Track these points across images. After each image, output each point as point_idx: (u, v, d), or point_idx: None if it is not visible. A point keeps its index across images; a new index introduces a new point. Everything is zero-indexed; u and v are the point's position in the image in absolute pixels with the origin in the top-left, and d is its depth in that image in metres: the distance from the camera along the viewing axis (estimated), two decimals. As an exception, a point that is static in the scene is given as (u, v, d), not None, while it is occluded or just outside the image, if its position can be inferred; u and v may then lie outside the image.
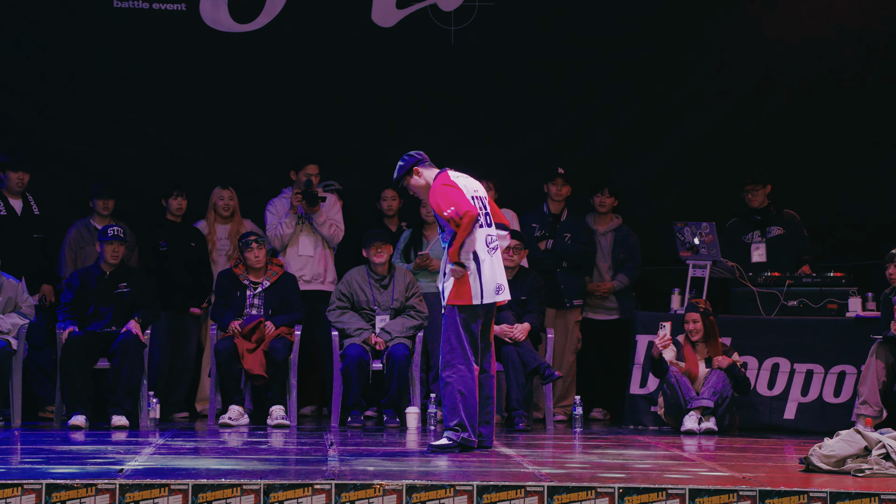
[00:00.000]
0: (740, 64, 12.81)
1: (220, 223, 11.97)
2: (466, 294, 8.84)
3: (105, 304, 10.89)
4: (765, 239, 11.88)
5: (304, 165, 11.79)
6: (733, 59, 12.81)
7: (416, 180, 9.05)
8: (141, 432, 10.30)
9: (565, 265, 11.92)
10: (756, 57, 12.79)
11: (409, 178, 9.06)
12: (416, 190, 9.14)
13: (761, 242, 11.87)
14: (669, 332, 10.76)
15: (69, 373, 10.58)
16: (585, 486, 6.98)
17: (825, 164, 12.61)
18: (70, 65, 12.45)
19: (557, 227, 12.02)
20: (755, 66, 12.80)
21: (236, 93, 12.62)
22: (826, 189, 12.60)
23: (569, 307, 11.95)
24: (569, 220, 12.04)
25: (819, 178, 12.60)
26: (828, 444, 7.90)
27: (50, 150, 12.34)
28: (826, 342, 11.03)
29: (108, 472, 7.32)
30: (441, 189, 8.86)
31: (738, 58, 12.80)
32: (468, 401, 8.81)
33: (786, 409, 11.06)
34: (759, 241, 11.89)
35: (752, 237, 11.91)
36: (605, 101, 12.90)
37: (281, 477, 7.06)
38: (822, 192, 12.59)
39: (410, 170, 9.04)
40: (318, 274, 11.81)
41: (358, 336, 11.10)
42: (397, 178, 9.09)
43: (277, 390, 10.93)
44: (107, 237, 10.92)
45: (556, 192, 12.03)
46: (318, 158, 11.88)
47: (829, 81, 12.76)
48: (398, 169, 9.09)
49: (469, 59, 12.74)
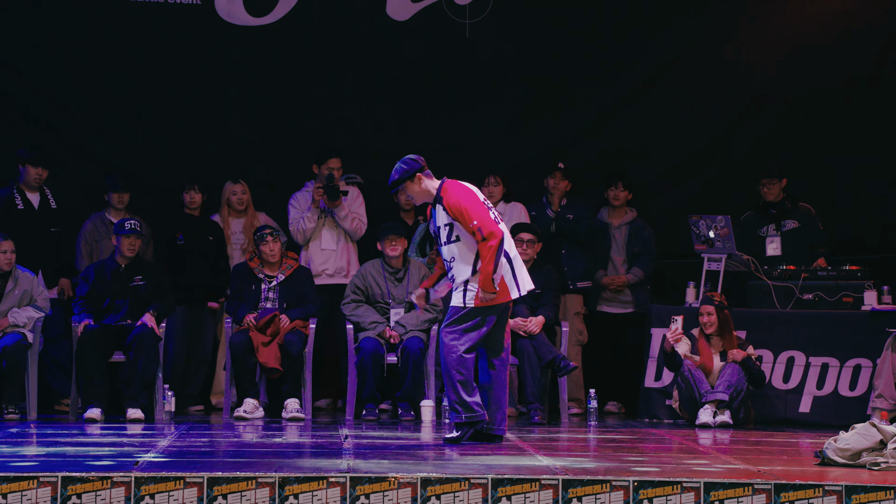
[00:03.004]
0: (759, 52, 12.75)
1: (234, 217, 11.98)
2: (504, 291, 8.85)
3: (120, 298, 10.90)
4: (780, 232, 11.84)
5: (327, 159, 11.76)
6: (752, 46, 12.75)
7: (417, 187, 8.99)
8: (156, 425, 10.32)
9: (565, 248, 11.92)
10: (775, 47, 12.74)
11: (408, 184, 9.00)
12: (413, 196, 9.07)
13: (776, 236, 11.84)
14: (681, 325, 10.74)
15: (84, 366, 10.59)
16: (600, 479, 6.97)
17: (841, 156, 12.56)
18: (87, 59, 12.45)
19: (557, 212, 11.99)
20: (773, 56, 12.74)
21: (252, 86, 12.62)
22: (841, 181, 12.56)
23: (572, 289, 11.90)
24: (568, 205, 12.03)
25: (834, 170, 12.55)
26: (843, 437, 7.88)
27: (66, 144, 12.36)
28: (841, 335, 11.00)
29: (123, 464, 7.34)
30: (465, 199, 8.81)
31: (758, 43, 12.74)
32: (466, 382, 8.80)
33: (801, 402, 11.04)
34: (774, 234, 11.86)
35: (766, 231, 11.87)
36: (619, 93, 12.86)
37: (296, 470, 7.06)
38: (838, 185, 12.55)
39: (413, 175, 8.97)
40: (340, 268, 11.81)
41: (373, 329, 11.10)
42: (396, 181, 9.00)
43: (292, 383, 10.93)
44: (124, 230, 10.93)
45: (553, 186, 12.01)
46: (340, 152, 11.85)
47: (853, 68, 12.68)
48: (398, 172, 8.98)
49: (484, 52, 12.73)
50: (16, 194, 11.56)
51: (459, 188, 8.92)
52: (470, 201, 8.84)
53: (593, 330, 12.15)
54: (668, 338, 10.74)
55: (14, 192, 11.56)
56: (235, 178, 11.96)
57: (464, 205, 8.80)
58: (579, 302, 12.05)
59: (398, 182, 9.00)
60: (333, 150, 11.83)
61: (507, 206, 11.82)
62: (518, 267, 8.95)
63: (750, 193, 12.02)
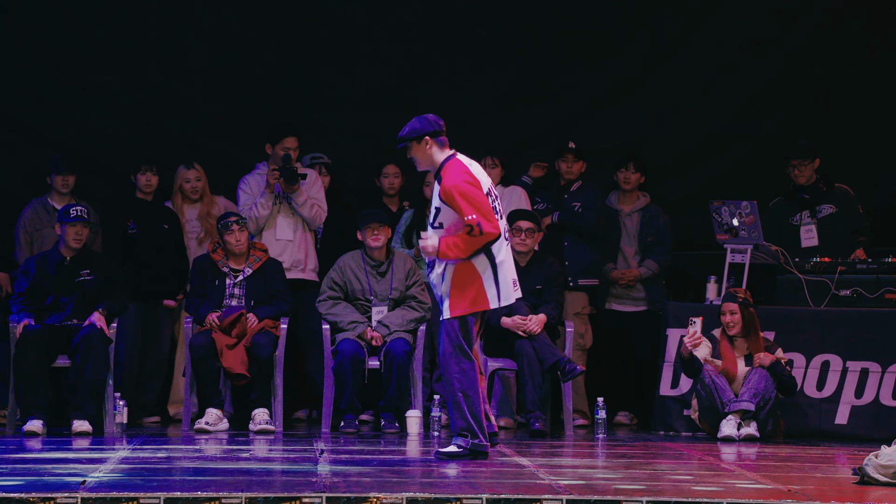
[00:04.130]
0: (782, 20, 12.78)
1: (188, 205, 11.95)
2: (482, 299, 8.86)
3: (65, 294, 10.87)
4: (815, 220, 11.83)
5: (282, 138, 11.69)
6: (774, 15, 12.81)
7: (421, 152, 9.02)
8: (106, 439, 10.31)
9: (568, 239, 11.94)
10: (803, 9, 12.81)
11: (414, 144, 9.02)
12: (416, 160, 9.10)
13: (811, 223, 11.83)
14: (700, 328, 10.74)
15: (24, 372, 10.57)
16: (609, 499, 6.98)
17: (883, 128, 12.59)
18: (30, 22, 12.42)
19: (564, 198, 11.98)
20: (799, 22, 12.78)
21: (217, 56, 12.63)
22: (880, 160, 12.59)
23: (573, 287, 11.89)
24: (580, 191, 12.03)
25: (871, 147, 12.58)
26: (885, 452, 7.88)
27: (3, 117, 12.33)
28: (883, 337, 11.01)
29: (68, 484, 7.30)
30: (464, 186, 8.85)
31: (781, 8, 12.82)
32: (472, 402, 8.84)
33: (837, 412, 11.05)
34: (808, 222, 11.84)
35: (800, 218, 11.85)
36: (630, 69, 12.91)
37: (265, 489, 7.07)
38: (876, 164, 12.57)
39: (422, 137, 9.00)
40: (298, 260, 11.78)
41: (352, 330, 11.09)
42: (402, 137, 9.04)
43: (261, 391, 10.93)
44: (68, 218, 10.89)
45: (566, 170, 12.02)
46: (298, 130, 11.78)
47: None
48: (408, 130, 9.02)
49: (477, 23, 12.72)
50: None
51: (462, 173, 8.92)
52: (470, 191, 8.85)
53: (601, 330, 12.15)
54: (685, 342, 10.74)
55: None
56: (189, 162, 11.90)
57: (462, 192, 8.81)
58: (582, 301, 12.02)
59: (403, 139, 9.04)
60: (290, 127, 11.75)
61: (506, 189, 11.82)
62: (504, 274, 8.93)
63: (779, 175, 12.01)
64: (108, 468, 8.15)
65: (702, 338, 10.78)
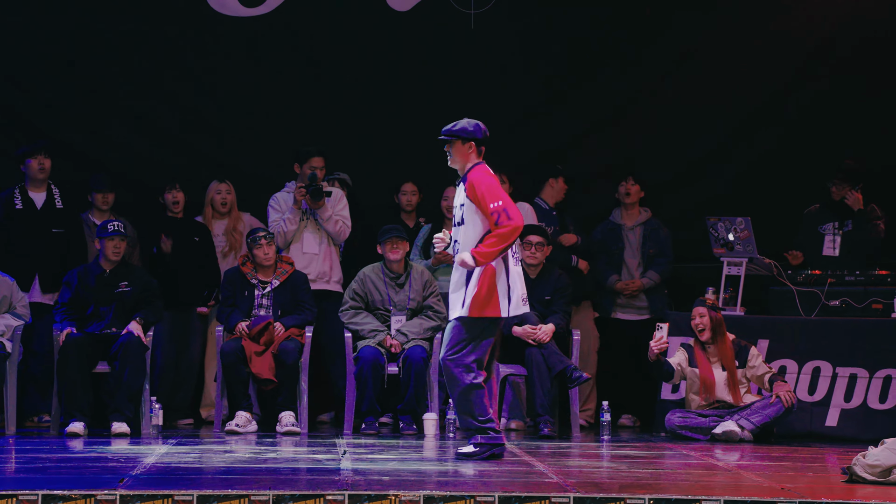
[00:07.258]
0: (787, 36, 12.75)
1: (216, 219, 11.98)
2: (495, 305, 8.86)
3: (105, 304, 10.89)
4: (839, 232, 11.80)
5: (309, 158, 11.75)
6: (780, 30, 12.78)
7: (463, 152, 8.97)
8: (143, 440, 10.31)
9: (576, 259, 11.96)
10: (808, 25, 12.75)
11: (458, 143, 9.00)
12: (452, 157, 9.03)
13: (835, 236, 11.80)
14: (667, 333, 10.75)
15: (67, 377, 10.58)
16: (614, 497, 6.98)
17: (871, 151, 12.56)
18: (70, 50, 12.47)
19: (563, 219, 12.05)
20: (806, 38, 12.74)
21: (245, 80, 12.64)
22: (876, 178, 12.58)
23: None
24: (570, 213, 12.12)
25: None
26: (872, 452, 7.86)
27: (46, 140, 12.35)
28: (870, 344, 10.98)
29: (108, 481, 7.32)
30: (489, 179, 8.87)
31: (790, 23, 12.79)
32: (480, 402, 8.84)
33: (827, 415, 11.02)
34: (833, 233, 11.81)
35: (828, 229, 11.85)
36: (631, 87, 12.87)
37: (291, 487, 7.06)
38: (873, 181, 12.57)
39: (468, 140, 8.98)
40: (323, 272, 11.79)
41: (373, 338, 11.10)
42: (451, 132, 8.97)
43: (287, 395, 10.93)
44: (107, 233, 10.92)
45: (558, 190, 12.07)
46: (323, 151, 11.83)
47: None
48: (460, 129, 8.97)
49: (489, 44, 12.72)
50: (16, 194, 11.50)
51: (489, 174, 8.94)
52: (495, 184, 8.88)
53: (607, 338, 12.15)
54: (651, 345, 10.73)
55: (15, 192, 11.51)
56: (221, 177, 11.97)
57: (487, 184, 8.81)
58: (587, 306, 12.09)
59: (452, 134, 8.98)
60: (316, 148, 11.80)
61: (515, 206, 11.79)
62: (516, 285, 8.94)
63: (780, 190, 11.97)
64: (144, 467, 8.16)
65: (668, 342, 10.76)
